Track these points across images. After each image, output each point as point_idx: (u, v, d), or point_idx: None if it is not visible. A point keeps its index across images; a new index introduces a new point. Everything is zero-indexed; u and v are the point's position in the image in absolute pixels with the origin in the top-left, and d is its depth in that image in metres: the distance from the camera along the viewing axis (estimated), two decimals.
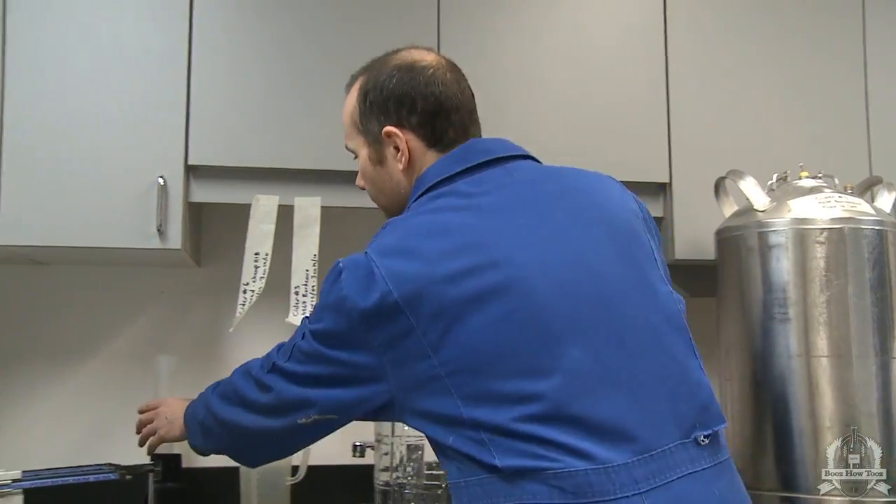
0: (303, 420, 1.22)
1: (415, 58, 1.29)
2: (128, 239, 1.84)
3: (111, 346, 2.19)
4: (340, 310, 1.13)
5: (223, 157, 1.90)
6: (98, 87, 1.87)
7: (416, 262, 1.11)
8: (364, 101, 1.30)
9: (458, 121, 1.27)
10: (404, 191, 1.29)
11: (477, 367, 1.08)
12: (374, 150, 1.30)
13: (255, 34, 1.94)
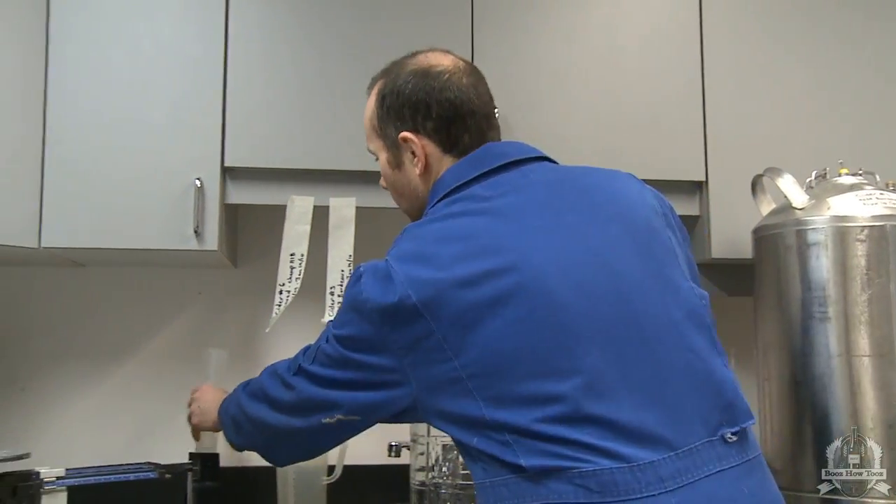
0: (327, 420, 1.23)
1: (431, 62, 1.29)
2: (165, 240, 1.87)
3: (149, 347, 2.21)
4: (362, 313, 1.15)
5: (259, 158, 1.92)
6: (137, 91, 1.89)
7: (433, 267, 1.12)
8: (381, 105, 1.31)
9: (473, 126, 1.27)
10: (422, 195, 1.31)
11: (498, 370, 1.08)
12: (392, 154, 1.32)
13: (289, 38, 1.96)
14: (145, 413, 2.18)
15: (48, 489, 1.69)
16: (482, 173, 1.23)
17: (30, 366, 2.17)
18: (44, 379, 2.17)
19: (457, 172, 1.25)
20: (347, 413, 1.22)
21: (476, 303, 1.09)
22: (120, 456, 2.00)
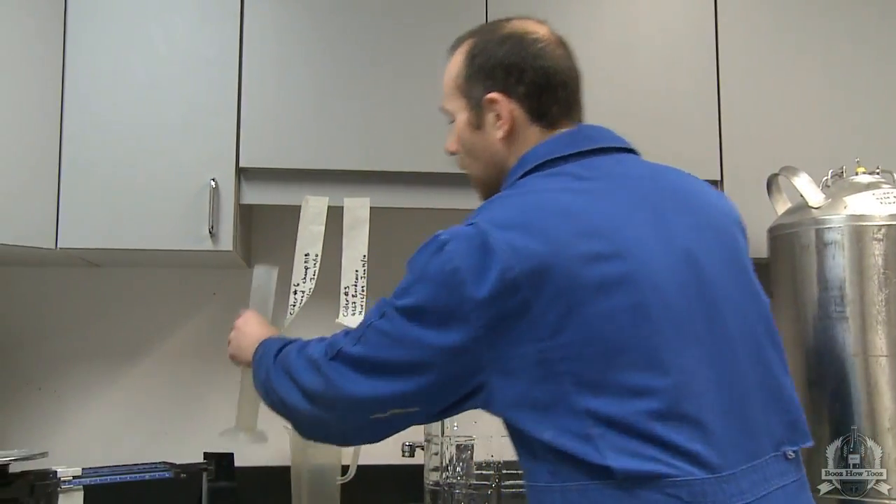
0: (378, 416, 1.13)
1: (527, 28, 1.27)
2: (180, 241, 1.88)
3: (164, 347, 2.22)
4: (446, 283, 1.07)
5: (273, 159, 1.93)
6: (152, 93, 1.90)
7: (540, 239, 1.06)
8: (471, 63, 1.26)
9: (563, 97, 1.25)
10: (499, 160, 1.25)
11: (597, 355, 1.03)
12: (474, 114, 1.26)
13: (303, 38, 1.96)
14: (161, 413, 2.19)
15: (65, 488, 1.70)
16: (578, 152, 1.20)
17: (46, 366, 2.18)
18: (60, 379, 2.19)
19: (552, 146, 1.21)
20: (403, 405, 1.12)
21: (585, 283, 1.04)
22: (135, 455, 2.01)
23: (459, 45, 1.31)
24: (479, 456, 1.79)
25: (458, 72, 1.28)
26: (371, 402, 1.13)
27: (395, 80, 1.96)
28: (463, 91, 1.27)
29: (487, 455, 1.79)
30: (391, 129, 1.94)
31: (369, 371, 1.12)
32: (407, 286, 1.12)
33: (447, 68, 1.31)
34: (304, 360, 1.21)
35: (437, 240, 1.11)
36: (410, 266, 1.13)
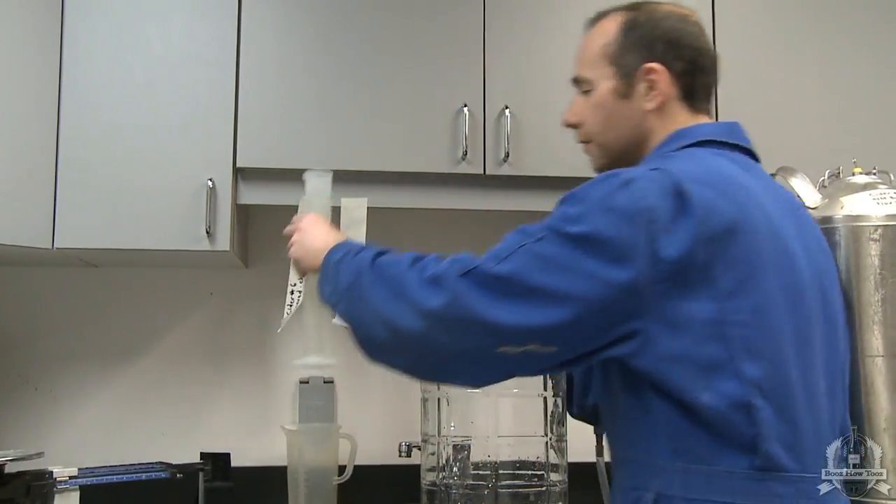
0: (507, 349, 1.03)
1: (684, 11, 1.28)
2: (177, 241, 1.87)
3: (161, 347, 2.22)
4: (634, 218, 1.02)
5: (271, 159, 1.92)
6: (149, 92, 1.90)
7: (731, 202, 1.07)
8: (628, 33, 1.25)
9: (709, 83, 1.27)
10: (641, 131, 1.25)
11: (764, 328, 1.05)
12: (623, 83, 1.25)
13: (301, 39, 1.96)
14: (157, 413, 2.19)
15: (61, 488, 1.70)
16: (735, 144, 1.23)
17: (43, 366, 2.18)
18: (56, 379, 2.18)
19: (716, 129, 1.24)
20: (544, 340, 1.03)
21: (764, 256, 1.06)
22: (132, 455, 2.01)
23: (605, 17, 1.29)
24: (475, 456, 1.79)
25: (609, 40, 1.26)
26: (508, 331, 1.02)
27: (393, 80, 1.96)
28: (612, 59, 1.25)
29: (484, 455, 1.79)
30: (389, 129, 1.94)
31: (513, 294, 1.02)
32: (578, 214, 1.04)
33: (590, 37, 1.29)
34: (419, 273, 1.09)
35: (618, 176, 1.07)
36: (578, 197, 1.07)
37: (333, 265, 1.25)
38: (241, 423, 2.20)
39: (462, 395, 1.83)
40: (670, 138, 1.22)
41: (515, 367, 1.08)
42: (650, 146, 1.24)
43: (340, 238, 1.32)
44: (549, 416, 1.83)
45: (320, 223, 1.40)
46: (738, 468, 1.02)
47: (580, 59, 1.30)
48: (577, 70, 1.30)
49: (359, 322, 1.18)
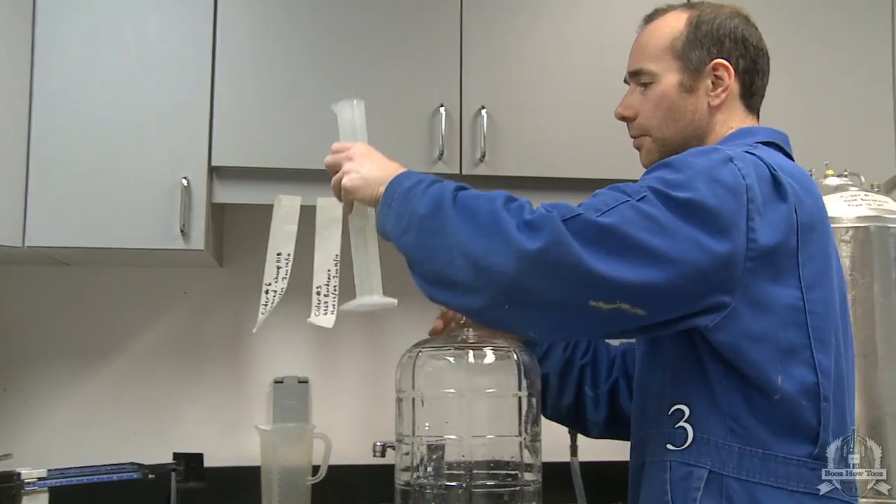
0: (598, 304, 0.99)
1: (745, 13, 1.31)
2: (151, 240, 1.86)
3: (133, 347, 2.20)
4: (738, 193, 1.04)
5: (246, 157, 1.91)
6: (123, 89, 1.88)
7: (811, 199, 1.13)
8: (697, 29, 1.27)
9: (765, 85, 1.32)
10: (701, 126, 1.26)
11: (831, 320, 1.11)
12: (688, 77, 1.26)
13: (278, 37, 1.95)
14: (129, 413, 2.17)
15: (29, 490, 1.68)
16: (787, 153, 1.26)
17: (13, 366, 2.15)
18: (27, 379, 2.16)
19: (779, 135, 1.27)
20: (634, 300, 1.00)
21: (832, 257, 1.14)
22: (103, 456, 1.99)
23: (667, 13, 1.31)
24: (450, 456, 1.78)
25: (676, 34, 1.27)
26: (604, 283, 0.98)
27: (370, 80, 1.96)
28: (678, 53, 1.26)
29: (458, 455, 1.79)
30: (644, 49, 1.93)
31: (615, 247, 0.99)
32: (684, 181, 1.03)
33: (654, 30, 1.30)
34: (517, 212, 1.03)
35: (718, 151, 1.09)
36: (680, 165, 1.07)
37: (403, 193, 1.15)
38: (215, 423, 2.18)
39: (436, 395, 1.83)
40: (736, 134, 1.25)
41: (600, 324, 1.04)
42: (709, 141, 1.25)
43: (396, 166, 1.24)
44: (524, 416, 1.83)
45: (375, 152, 1.30)
46: (797, 455, 1.07)
47: (641, 52, 1.30)
48: (638, 63, 1.30)
49: (431, 256, 1.10)
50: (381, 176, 1.22)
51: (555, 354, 1.45)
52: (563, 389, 1.45)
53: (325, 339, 2.14)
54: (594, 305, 0.99)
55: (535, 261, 0.99)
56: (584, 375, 1.45)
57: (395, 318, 2.26)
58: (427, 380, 1.84)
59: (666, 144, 1.28)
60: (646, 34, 1.31)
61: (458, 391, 1.81)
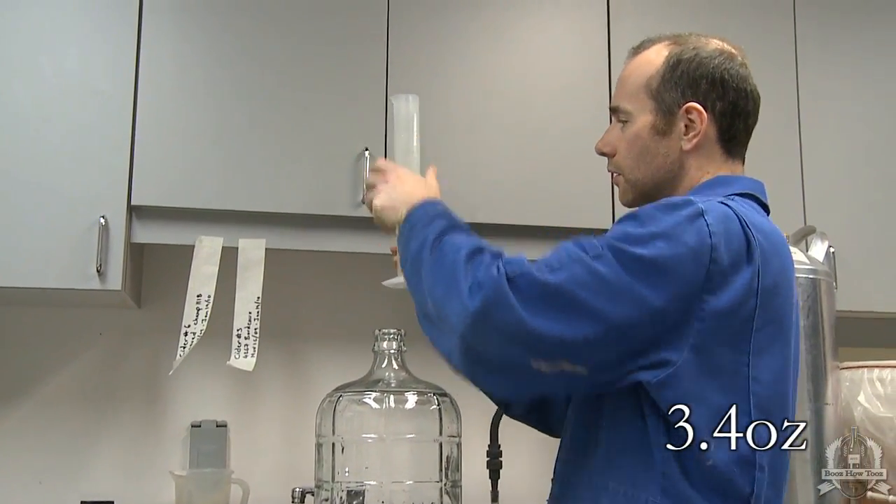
0: (540, 364, 1.00)
1: (731, 49, 1.25)
2: (65, 280, 1.81)
3: (45, 390, 2.12)
4: (697, 255, 1.02)
5: (167, 197, 1.89)
6: (39, 123, 1.84)
7: (779, 261, 1.10)
8: (673, 69, 1.22)
9: (749, 126, 1.26)
10: (673, 169, 1.22)
11: (778, 391, 1.10)
12: (662, 119, 1.22)
13: (203, 76, 1.94)
14: (38, 459, 2.08)
15: None
16: (763, 204, 1.23)
17: None
18: None
19: (756, 185, 1.23)
20: (577, 358, 1.00)
21: (787, 321, 1.12)
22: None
23: (650, 46, 1.27)
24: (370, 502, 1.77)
25: (653, 73, 1.23)
26: (541, 341, 0.99)
27: (295, 122, 1.96)
28: (653, 93, 1.23)
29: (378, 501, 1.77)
30: (289, 171, 1.93)
31: (554, 306, 1.00)
32: (645, 236, 1.03)
33: (634, 67, 1.27)
34: (473, 270, 1.04)
35: (691, 204, 1.06)
36: (644, 218, 1.06)
37: (408, 228, 1.20)
38: (128, 468, 2.11)
39: (356, 440, 1.82)
40: (712, 183, 1.21)
41: (547, 385, 1.07)
42: (682, 186, 1.23)
43: (424, 194, 1.26)
44: (445, 462, 1.83)
45: (409, 176, 1.32)
46: None
47: (621, 88, 1.27)
48: (616, 100, 1.27)
49: (415, 292, 1.15)
50: (406, 201, 1.24)
51: None
52: None
53: (244, 382, 2.11)
54: (536, 366, 1.00)
55: (476, 320, 1.00)
56: None
57: (316, 361, 2.24)
58: (348, 424, 1.83)
59: (638, 186, 1.26)
60: (628, 69, 1.28)
61: (379, 436, 1.80)
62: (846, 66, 2.31)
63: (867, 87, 2.32)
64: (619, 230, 1.06)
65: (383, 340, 1.88)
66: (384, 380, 1.86)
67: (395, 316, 1.97)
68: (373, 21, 2.02)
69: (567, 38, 2.16)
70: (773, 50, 2.25)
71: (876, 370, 1.69)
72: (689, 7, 2.22)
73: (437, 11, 2.07)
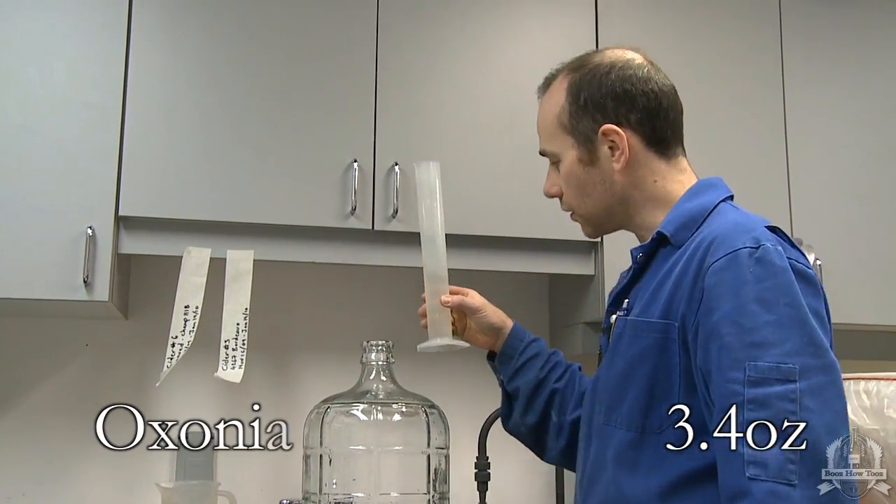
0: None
1: (627, 56, 1.25)
2: (52, 290, 1.80)
3: (31, 401, 2.11)
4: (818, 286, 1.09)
5: (155, 208, 1.88)
6: (27, 134, 1.83)
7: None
8: (576, 99, 1.23)
9: (674, 120, 1.25)
10: (617, 192, 1.23)
11: None
12: (585, 150, 1.23)
13: (191, 88, 1.94)
14: (22, 473, 2.07)
15: None
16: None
17: None
18: None
19: (724, 187, 1.26)
20: None
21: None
22: None
23: (552, 82, 1.28)
24: None
25: (559, 110, 1.25)
26: None
27: (284, 133, 1.96)
28: (568, 128, 1.24)
29: None
30: (278, 182, 1.93)
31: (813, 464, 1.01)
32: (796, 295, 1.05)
33: (543, 108, 1.29)
34: None
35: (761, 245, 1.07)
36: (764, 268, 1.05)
37: None
38: (114, 480, 2.10)
39: (344, 451, 1.81)
40: (701, 188, 1.24)
41: None
42: (635, 203, 1.24)
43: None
44: (433, 474, 1.83)
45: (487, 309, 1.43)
46: None
47: (540, 132, 1.29)
48: (541, 144, 1.30)
49: None
50: None
51: (530, 371, 1.40)
52: (529, 409, 1.40)
53: (232, 393, 2.10)
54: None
55: None
56: (553, 399, 1.40)
57: (304, 373, 2.24)
58: (335, 436, 1.82)
59: (592, 219, 1.29)
60: (540, 112, 1.30)
61: (367, 448, 1.80)
62: (832, 80, 2.33)
63: (854, 101, 2.33)
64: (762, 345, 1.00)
65: (371, 352, 1.88)
66: (372, 391, 1.85)
67: (383, 328, 1.97)
68: (361, 33, 2.02)
69: (555, 50, 2.14)
70: (759, 64, 2.27)
71: (862, 382, 1.69)
72: (675, 19, 2.24)
73: (425, 23, 2.08)
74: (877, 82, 2.36)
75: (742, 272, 1.04)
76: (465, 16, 2.11)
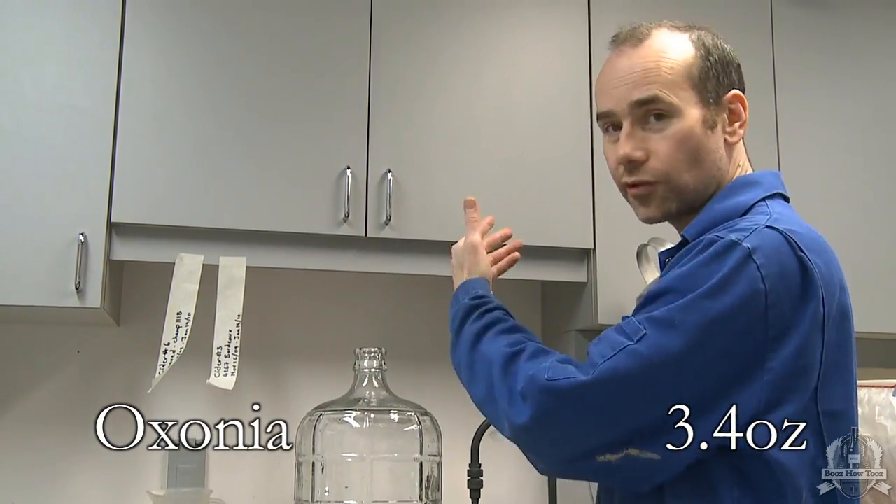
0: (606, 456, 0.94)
1: None
2: (44, 297, 1.79)
3: (22, 408, 2.10)
4: (749, 305, 0.93)
5: (147, 214, 1.88)
6: (18, 139, 1.83)
7: (834, 272, 1.02)
8: (707, 55, 1.10)
9: None
10: (722, 168, 1.11)
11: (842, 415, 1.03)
12: (710, 112, 1.09)
13: (184, 94, 1.94)
14: (12, 482, 2.06)
15: None
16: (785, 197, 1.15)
17: None
18: None
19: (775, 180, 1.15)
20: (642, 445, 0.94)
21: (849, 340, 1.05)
22: None
23: (658, 33, 1.12)
24: None
25: (690, 60, 1.09)
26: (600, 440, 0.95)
27: (277, 140, 1.95)
28: (696, 83, 1.08)
29: None
30: (270, 189, 1.93)
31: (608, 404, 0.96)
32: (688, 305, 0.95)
33: (658, 51, 1.10)
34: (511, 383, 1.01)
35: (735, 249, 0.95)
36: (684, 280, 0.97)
37: (452, 312, 1.24)
38: (105, 488, 2.09)
39: (336, 459, 1.81)
40: (739, 186, 1.11)
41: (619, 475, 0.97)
42: (717, 187, 1.11)
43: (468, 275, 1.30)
44: (425, 481, 1.83)
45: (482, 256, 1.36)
46: None
47: (646, 78, 1.09)
48: (648, 89, 1.08)
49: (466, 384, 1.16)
50: (458, 277, 1.33)
51: None
52: None
53: (224, 400, 2.09)
54: (602, 460, 0.95)
55: (527, 433, 0.98)
56: None
57: (296, 380, 2.23)
58: (328, 443, 1.82)
59: (683, 193, 1.11)
60: (647, 56, 1.10)
61: (359, 455, 1.80)
62: (824, 87, 2.34)
63: (845, 107, 2.35)
64: (660, 300, 0.97)
65: (364, 359, 1.88)
66: (365, 398, 1.85)
67: (376, 335, 1.97)
68: (354, 40, 2.02)
69: (548, 59, 2.17)
70: (751, 71, 2.25)
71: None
72: None
73: (418, 31, 2.08)
74: (868, 89, 2.38)
75: (693, 252, 0.99)
76: (459, 24, 2.11)
